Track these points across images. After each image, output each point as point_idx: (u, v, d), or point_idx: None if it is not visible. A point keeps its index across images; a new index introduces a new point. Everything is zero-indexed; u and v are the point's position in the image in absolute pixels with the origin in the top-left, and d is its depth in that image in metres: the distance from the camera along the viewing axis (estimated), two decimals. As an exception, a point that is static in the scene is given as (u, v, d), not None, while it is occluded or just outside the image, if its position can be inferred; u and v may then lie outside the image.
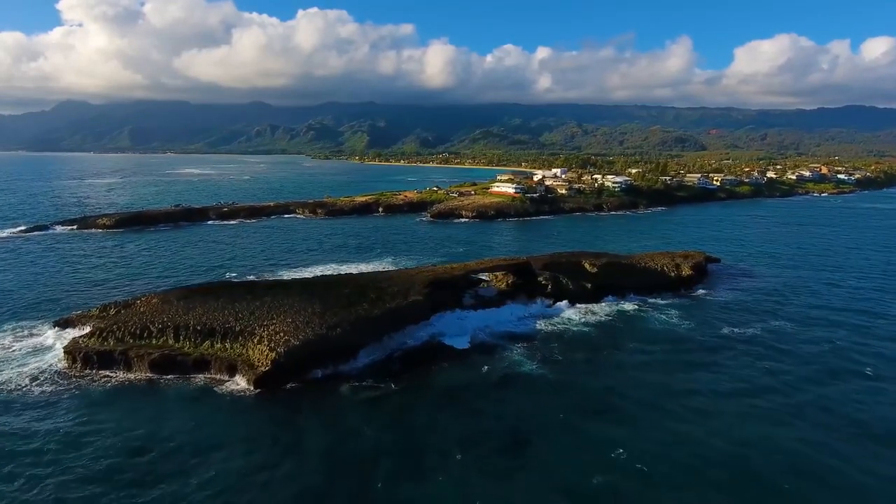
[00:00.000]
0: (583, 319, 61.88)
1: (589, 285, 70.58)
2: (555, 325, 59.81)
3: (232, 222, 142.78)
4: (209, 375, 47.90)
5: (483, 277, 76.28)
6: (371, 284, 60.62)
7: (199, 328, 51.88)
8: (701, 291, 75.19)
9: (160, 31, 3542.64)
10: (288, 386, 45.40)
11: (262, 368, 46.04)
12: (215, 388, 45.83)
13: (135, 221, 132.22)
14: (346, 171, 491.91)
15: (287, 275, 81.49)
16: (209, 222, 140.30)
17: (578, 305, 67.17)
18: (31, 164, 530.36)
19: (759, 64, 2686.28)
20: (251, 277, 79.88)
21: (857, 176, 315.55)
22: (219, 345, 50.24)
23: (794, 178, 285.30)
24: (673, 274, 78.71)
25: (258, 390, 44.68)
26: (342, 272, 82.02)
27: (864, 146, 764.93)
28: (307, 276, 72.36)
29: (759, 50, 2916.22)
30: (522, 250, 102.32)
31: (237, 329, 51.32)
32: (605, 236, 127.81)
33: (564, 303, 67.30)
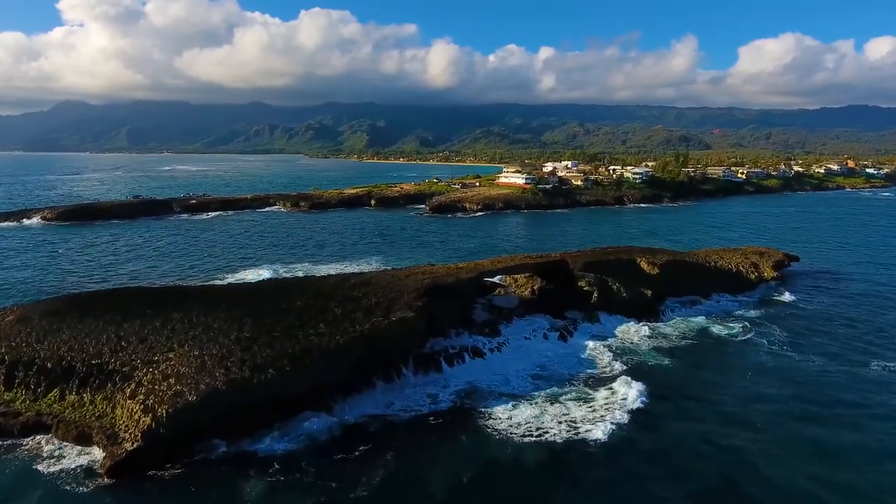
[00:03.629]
0: (652, 344, 41.63)
1: (648, 292, 50.54)
2: (616, 356, 39.48)
3: (203, 216, 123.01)
4: (48, 446, 28.14)
5: (498, 282, 56.48)
6: (337, 293, 40.69)
7: (49, 366, 32.06)
8: (791, 298, 55.07)
9: (161, 30, 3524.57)
10: (166, 471, 25.53)
11: (127, 445, 26.18)
12: (47, 470, 26.22)
13: (82, 214, 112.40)
14: (343, 168, 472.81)
15: (237, 278, 62.07)
16: (172, 216, 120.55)
17: (637, 321, 47.10)
18: (23, 162, 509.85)
19: (764, 63, 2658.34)
20: (215, 282, 60.13)
21: (885, 170, 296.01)
22: (72, 396, 30.41)
23: (822, 171, 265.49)
24: (753, 276, 58.84)
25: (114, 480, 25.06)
26: (316, 275, 62.29)
27: (870, 145, 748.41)
28: (255, 280, 52.62)
29: (763, 49, 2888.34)
30: (541, 247, 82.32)
31: (109, 368, 31.51)
32: (637, 231, 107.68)
33: (619, 319, 47.21)
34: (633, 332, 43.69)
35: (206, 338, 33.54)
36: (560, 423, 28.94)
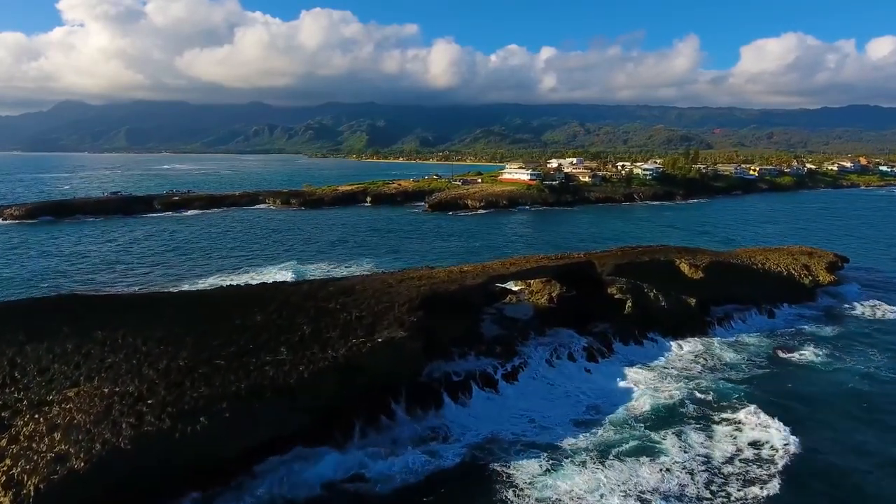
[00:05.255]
0: (719, 374, 31.61)
1: (692, 301, 41.90)
2: (675, 390, 30.16)
3: (186, 213, 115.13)
4: None
5: (510, 287, 47.90)
6: (310, 304, 32.05)
7: None
8: (861, 308, 46.03)
9: (162, 30, 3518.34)
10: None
11: (-27, 541, 17.63)
12: None
13: (53, 211, 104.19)
14: (342, 167, 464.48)
15: (209, 283, 53.68)
16: (151, 214, 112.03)
17: (681, 338, 38.52)
18: (21, 162, 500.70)
19: (766, 63, 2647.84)
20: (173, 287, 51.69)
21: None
22: (-76, 455, 21.76)
23: (834, 169, 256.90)
24: (807, 280, 50.20)
25: None
26: (294, 279, 54.00)
27: (871, 145, 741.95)
28: (221, 286, 43.99)
29: (765, 49, 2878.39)
30: (552, 247, 73.70)
31: (-15, 412, 22.92)
32: (657, 229, 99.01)
33: (659, 334, 38.58)
34: (688, 355, 34.86)
35: (125, 368, 24.97)
36: (627, 496, 19.86)
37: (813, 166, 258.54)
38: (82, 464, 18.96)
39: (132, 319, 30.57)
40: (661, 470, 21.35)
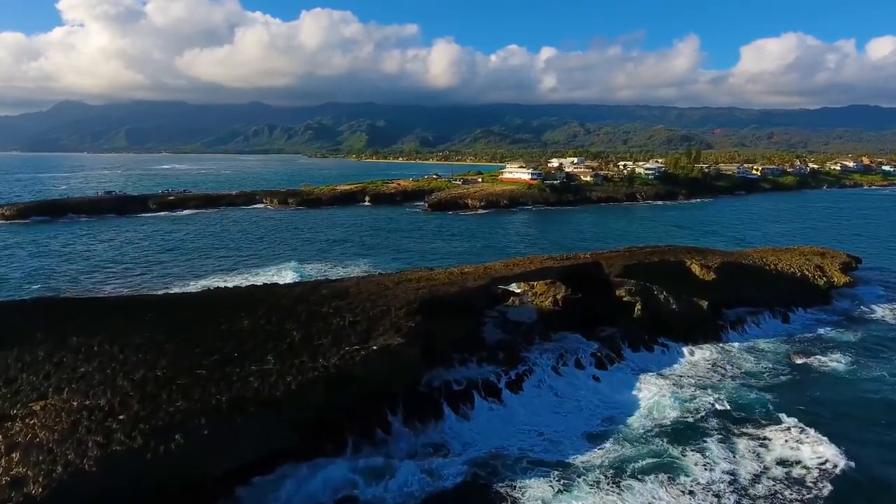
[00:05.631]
0: (738, 381, 29.79)
1: (704, 303, 39.95)
2: (691, 398, 28.29)
3: (181, 213, 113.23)
4: None
5: (513, 289, 46.01)
6: (301, 308, 30.10)
7: None
8: (882, 312, 44.01)
9: (162, 30, 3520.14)
10: None
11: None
12: None
13: (46, 211, 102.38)
14: (341, 167, 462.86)
15: (198, 285, 51.74)
16: (146, 214, 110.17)
17: (694, 344, 36.60)
18: (20, 162, 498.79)
19: (766, 63, 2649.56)
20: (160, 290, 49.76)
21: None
22: None
23: (838, 168, 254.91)
24: (821, 281, 48.27)
25: None
26: (290, 280, 52.26)
27: (871, 145, 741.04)
28: (211, 288, 42.02)
29: (765, 49, 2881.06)
30: (555, 247, 71.77)
31: (-59, 428, 20.97)
32: (663, 228, 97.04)
33: (671, 339, 36.62)
34: (703, 362, 32.84)
35: (99, 378, 23.02)
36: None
37: (815, 166, 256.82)
38: (40, 489, 17.03)
39: (113, 324, 28.66)
40: (683, 492, 19.44)
